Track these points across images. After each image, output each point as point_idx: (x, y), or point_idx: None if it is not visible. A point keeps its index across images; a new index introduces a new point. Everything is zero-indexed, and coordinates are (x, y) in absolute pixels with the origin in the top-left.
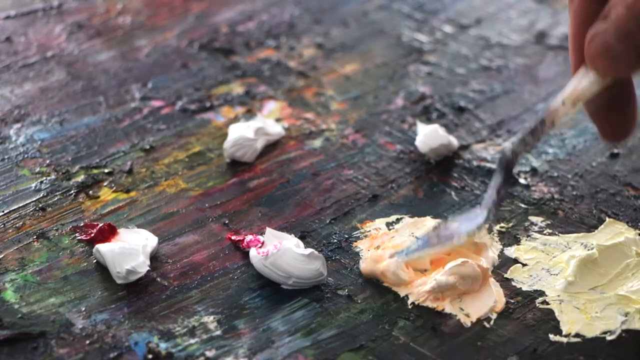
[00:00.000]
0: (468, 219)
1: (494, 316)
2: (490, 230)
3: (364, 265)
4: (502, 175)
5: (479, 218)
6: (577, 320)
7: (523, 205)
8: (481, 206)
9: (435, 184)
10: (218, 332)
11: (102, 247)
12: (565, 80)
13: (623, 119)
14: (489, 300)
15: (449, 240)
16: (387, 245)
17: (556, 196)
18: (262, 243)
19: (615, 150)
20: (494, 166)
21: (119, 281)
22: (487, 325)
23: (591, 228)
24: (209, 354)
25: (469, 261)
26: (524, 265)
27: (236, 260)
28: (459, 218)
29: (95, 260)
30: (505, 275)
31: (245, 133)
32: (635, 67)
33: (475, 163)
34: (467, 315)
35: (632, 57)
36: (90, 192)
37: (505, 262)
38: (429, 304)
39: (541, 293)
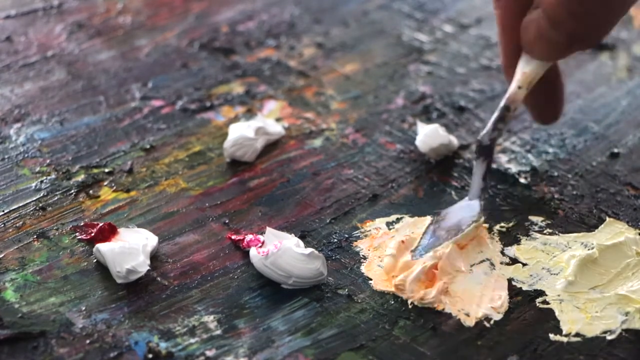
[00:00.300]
0: (463, 210)
1: (497, 317)
2: (490, 230)
3: (376, 283)
4: (485, 162)
5: (474, 207)
6: (577, 319)
7: (523, 205)
8: (470, 197)
9: (435, 183)
10: (218, 332)
11: (102, 247)
12: (565, 79)
13: (552, 104)
14: (492, 301)
15: (458, 231)
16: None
17: (556, 196)
18: (262, 242)
19: (616, 150)
20: (494, 166)
21: (119, 281)
22: (487, 325)
23: (591, 228)
24: (209, 353)
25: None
26: (524, 264)
27: (236, 260)
28: (453, 211)
29: (95, 260)
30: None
31: (245, 132)
32: (567, 51)
33: None
34: (467, 315)
35: (564, 42)
36: (91, 191)
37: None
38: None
39: (541, 293)
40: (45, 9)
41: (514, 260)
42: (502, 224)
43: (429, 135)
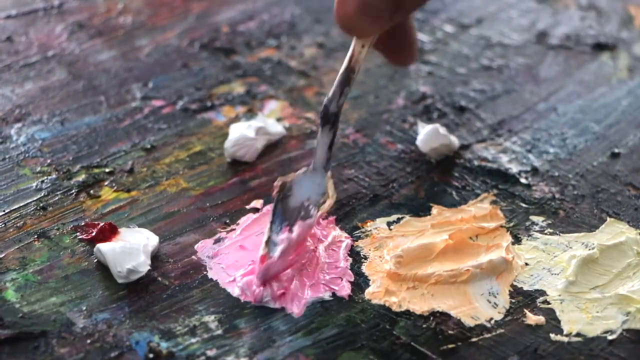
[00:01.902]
0: (309, 185)
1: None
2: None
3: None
4: (332, 131)
5: (320, 181)
6: (578, 319)
7: (524, 205)
8: (315, 166)
9: (436, 183)
10: (219, 332)
11: (103, 247)
12: (565, 79)
13: (405, 47)
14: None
15: (306, 215)
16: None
17: (557, 196)
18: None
19: (616, 150)
20: (495, 166)
21: (120, 280)
22: (488, 325)
23: (592, 228)
24: (209, 353)
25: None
26: (525, 264)
27: None
28: (298, 185)
29: (96, 260)
30: None
31: (246, 132)
32: (391, 20)
33: (476, 163)
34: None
35: (388, 10)
36: (91, 191)
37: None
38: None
39: (542, 293)
40: (45, 9)
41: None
42: (503, 224)
43: (430, 135)
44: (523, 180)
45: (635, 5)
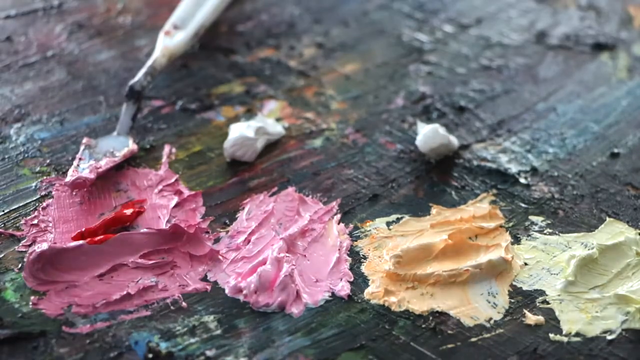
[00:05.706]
0: (114, 142)
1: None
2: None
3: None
4: (136, 105)
5: (124, 140)
6: (578, 319)
7: (523, 205)
8: (119, 132)
9: (435, 183)
10: (218, 332)
11: None
12: (565, 79)
13: None
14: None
15: (113, 155)
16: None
17: (556, 196)
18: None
19: (616, 150)
20: (494, 166)
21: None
22: (487, 325)
23: (591, 228)
24: (209, 353)
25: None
26: (524, 264)
27: None
28: (104, 141)
29: None
30: None
31: (245, 132)
32: None
33: (475, 163)
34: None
35: None
36: None
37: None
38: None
39: (541, 293)
40: (45, 9)
41: None
42: (502, 224)
43: (429, 136)
44: (522, 180)
45: (635, 5)
